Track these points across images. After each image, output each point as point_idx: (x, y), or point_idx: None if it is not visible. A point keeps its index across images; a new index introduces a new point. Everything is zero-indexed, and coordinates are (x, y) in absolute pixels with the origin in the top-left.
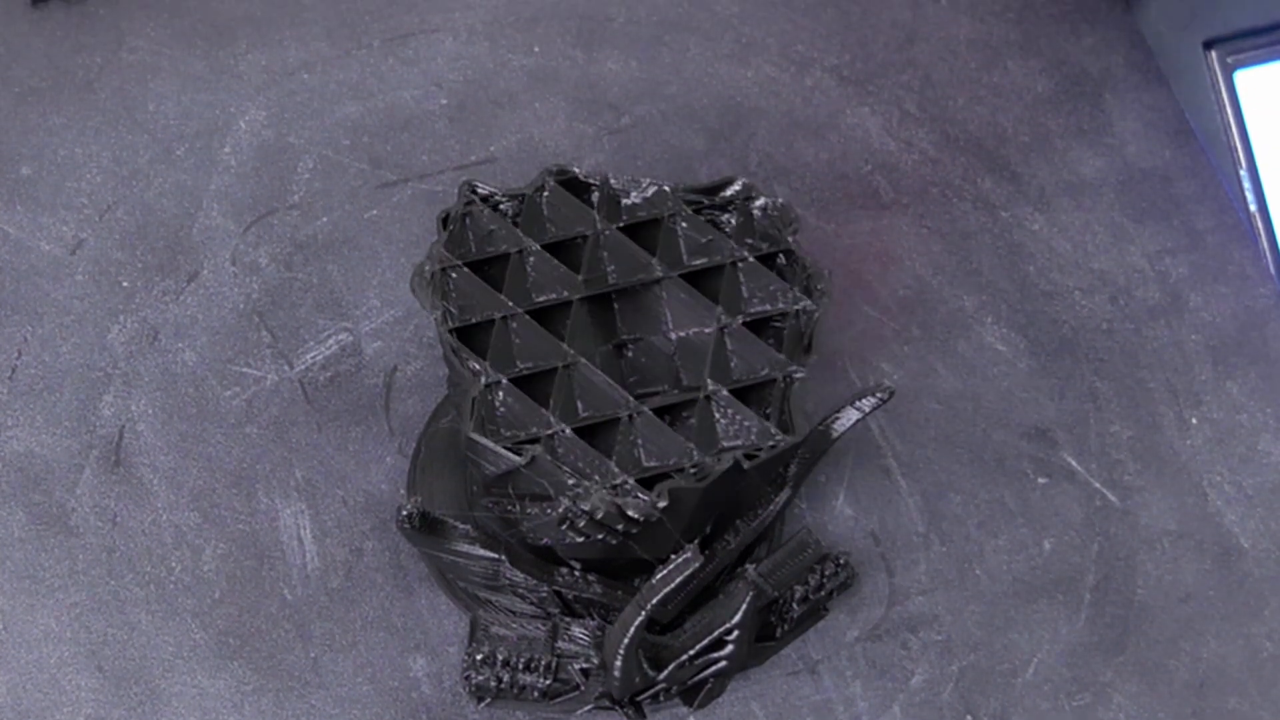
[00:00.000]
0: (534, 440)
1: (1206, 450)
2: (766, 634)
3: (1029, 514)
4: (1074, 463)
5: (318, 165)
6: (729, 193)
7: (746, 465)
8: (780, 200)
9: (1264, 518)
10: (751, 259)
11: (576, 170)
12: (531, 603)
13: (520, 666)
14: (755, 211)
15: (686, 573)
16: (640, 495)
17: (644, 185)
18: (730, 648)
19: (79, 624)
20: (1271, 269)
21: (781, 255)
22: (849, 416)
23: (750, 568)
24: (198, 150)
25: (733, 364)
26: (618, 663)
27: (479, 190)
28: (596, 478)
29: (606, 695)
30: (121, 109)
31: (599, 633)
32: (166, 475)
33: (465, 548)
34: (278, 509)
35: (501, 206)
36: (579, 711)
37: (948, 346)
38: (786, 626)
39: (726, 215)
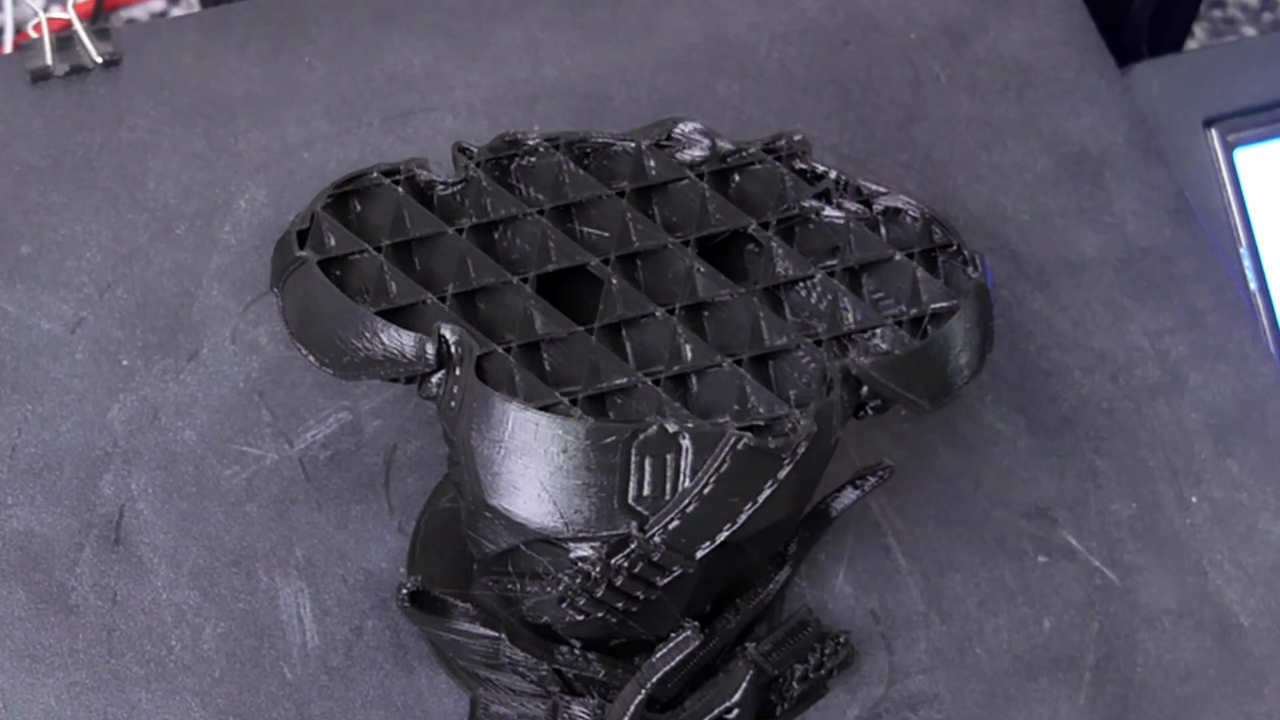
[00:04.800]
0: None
1: (1207, 529)
2: (766, 713)
3: (1029, 592)
4: (1074, 541)
5: None
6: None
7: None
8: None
9: (1264, 596)
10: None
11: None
12: (532, 681)
13: None
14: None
15: (687, 651)
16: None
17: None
18: None
19: (79, 703)
20: (1272, 348)
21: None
22: (849, 495)
23: (750, 646)
24: (198, 229)
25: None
26: None
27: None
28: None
29: None
30: (121, 187)
31: (599, 711)
32: (166, 554)
33: (465, 626)
34: (278, 588)
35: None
36: None
37: (948, 425)
38: (786, 705)
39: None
